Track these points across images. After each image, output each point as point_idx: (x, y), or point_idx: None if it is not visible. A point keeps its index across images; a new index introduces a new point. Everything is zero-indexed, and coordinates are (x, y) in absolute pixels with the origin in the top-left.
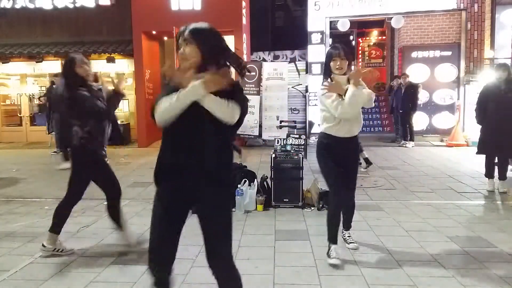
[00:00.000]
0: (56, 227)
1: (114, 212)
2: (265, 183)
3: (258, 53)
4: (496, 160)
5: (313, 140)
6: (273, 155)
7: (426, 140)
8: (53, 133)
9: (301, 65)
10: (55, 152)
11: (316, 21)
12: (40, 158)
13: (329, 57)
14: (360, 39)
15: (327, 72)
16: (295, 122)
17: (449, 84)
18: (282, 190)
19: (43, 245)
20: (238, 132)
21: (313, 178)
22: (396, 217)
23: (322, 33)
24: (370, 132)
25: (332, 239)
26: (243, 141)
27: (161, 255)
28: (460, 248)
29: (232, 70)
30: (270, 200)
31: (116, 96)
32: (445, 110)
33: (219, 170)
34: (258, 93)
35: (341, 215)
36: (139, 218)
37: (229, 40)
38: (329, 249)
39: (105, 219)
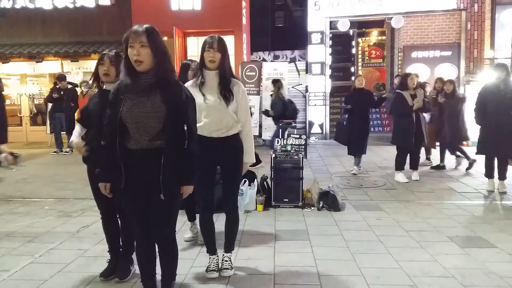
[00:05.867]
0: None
1: None
2: (265, 183)
3: (258, 53)
4: (496, 160)
5: (313, 140)
6: (273, 155)
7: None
8: (53, 133)
9: (301, 65)
10: (55, 152)
11: (316, 21)
12: (40, 158)
13: (203, 47)
14: (360, 39)
15: (202, 64)
16: (295, 122)
17: None
18: (282, 190)
19: None
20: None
21: (313, 178)
22: (396, 217)
23: (322, 33)
24: (370, 132)
25: (208, 249)
26: None
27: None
28: (460, 248)
29: None
30: (270, 200)
31: None
32: None
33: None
34: (258, 93)
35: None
36: None
37: (229, 40)
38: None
39: None
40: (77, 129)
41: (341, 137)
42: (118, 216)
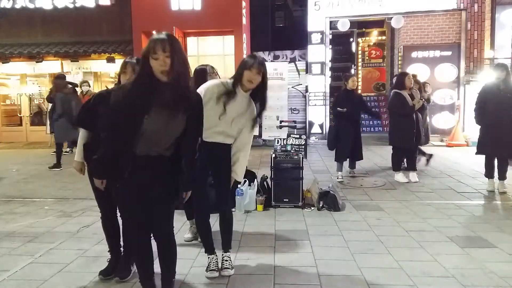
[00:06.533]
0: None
1: None
2: (265, 183)
3: (258, 53)
4: (496, 160)
5: (313, 140)
6: (273, 155)
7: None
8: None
9: (301, 65)
10: (55, 152)
11: (316, 21)
12: (40, 158)
13: (244, 65)
14: (360, 39)
15: (238, 79)
16: (295, 122)
17: (449, 84)
18: (282, 190)
19: None
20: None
21: (313, 178)
22: (396, 217)
23: (322, 33)
24: (370, 132)
25: (206, 249)
26: None
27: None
28: (460, 248)
29: None
30: (270, 200)
31: None
32: (445, 110)
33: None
34: None
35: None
36: None
37: (229, 40)
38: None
39: None
40: (81, 135)
41: (330, 142)
42: (120, 215)
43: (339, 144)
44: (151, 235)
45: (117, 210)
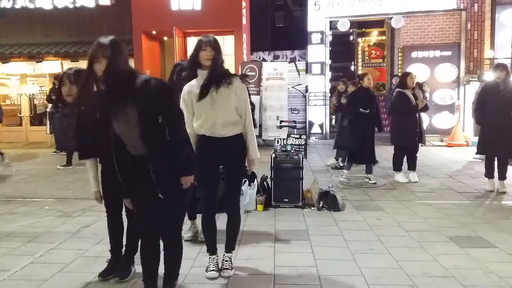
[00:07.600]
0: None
1: None
2: (265, 183)
3: (258, 53)
4: (496, 160)
5: (313, 140)
6: (273, 155)
7: (426, 140)
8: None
9: (301, 65)
10: (55, 152)
11: (316, 21)
12: (40, 158)
13: (199, 46)
14: (360, 39)
15: (194, 66)
16: (295, 122)
17: (449, 84)
18: (282, 190)
19: None
20: None
21: (313, 178)
22: (396, 217)
23: (322, 33)
24: None
25: (208, 249)
26: None
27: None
28: (460, 248)
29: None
30: (270, 200)
31: None
32: (445, 110)
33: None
34: (258, 93)
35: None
36: None
37: (229, 40)
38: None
39: (105, 219)
40: (88, 167)
41: (350, 142)
42: (125, 214)
43: (357, 145)
44: (160, 236)
45: (123, 210)
